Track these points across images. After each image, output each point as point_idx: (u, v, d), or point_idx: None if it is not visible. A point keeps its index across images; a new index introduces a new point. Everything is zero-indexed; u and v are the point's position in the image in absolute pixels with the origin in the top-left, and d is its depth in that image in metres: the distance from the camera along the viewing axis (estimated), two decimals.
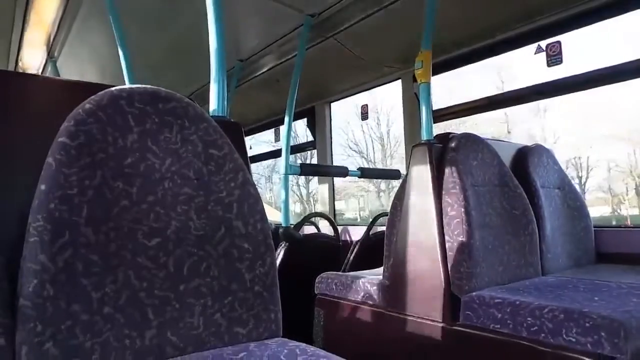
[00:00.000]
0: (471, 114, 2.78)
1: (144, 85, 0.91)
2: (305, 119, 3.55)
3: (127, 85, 0.89)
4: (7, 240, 0.74)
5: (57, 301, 0.71)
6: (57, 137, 0.78)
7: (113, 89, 0.87)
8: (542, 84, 2.14)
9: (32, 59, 2.89)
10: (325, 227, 2.90)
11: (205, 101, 1.30)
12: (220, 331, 0.90)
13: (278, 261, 2.21)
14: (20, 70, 3.03)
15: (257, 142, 4.51)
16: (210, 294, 0.89)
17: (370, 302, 1.68)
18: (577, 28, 2.07)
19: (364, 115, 3.23)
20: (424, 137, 1.65)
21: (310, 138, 3.49)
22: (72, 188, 0.75)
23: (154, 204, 0.86)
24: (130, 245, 0.81)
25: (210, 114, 1.18)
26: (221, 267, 0.91)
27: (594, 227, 1.95)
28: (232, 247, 0.93)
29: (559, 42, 2.11)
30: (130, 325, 0.79)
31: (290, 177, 2.51)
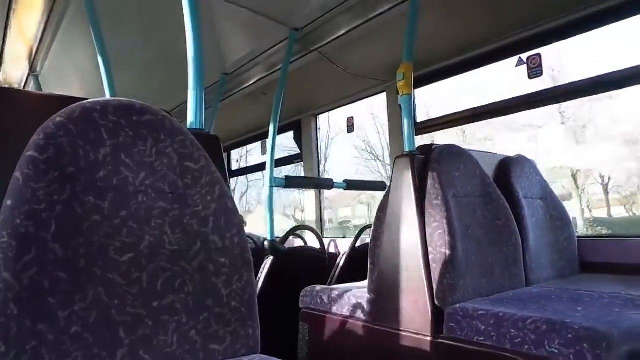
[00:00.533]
0: (456, 126, 2.80)
1: (118, 98, 0.90)
2: (292, 132, 3.56)
3: (101, 98, 0.88)
4: None
5: (21, 320, 0.69)
6: (26, 151, 0.76)
7: (86, 101, 0.86)
8: (527, 94, 2.17)
9: (14, 73, 2.86)
10: (313, 240, 2.88)
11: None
12: (195, 348, 0.87)
13: (263, 275, 2.18)
14: (1, 84, 3.00)
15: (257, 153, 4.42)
16: (184, 311, 0.87)
17: (355, 316, 1.66)
18: (557, 41, 2.11)
19: (350, 128, 3.23)
20: (406, 148, 1.65)
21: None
22: (39, 203, 0.73)
23: (127, 218, 0.84)
24: (101, 261, 0.79)
25: (188, 127, 1.17)
26: (196, 282, 0.89)
27: (578, 237, 1.96)
28: (208, 261, 0.91)
29: (539, 55, 2.14)
30: (100, 345, 0.76)
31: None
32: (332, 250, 2.86)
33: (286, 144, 3.67)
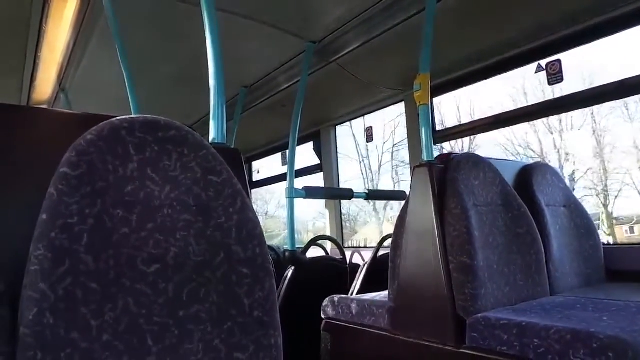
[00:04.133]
0: (477, 133, 2.79)
1: (144, 115, 0.94)
2: (311, 143, 3.60)
3: (128, 116, 0.92)
4: (9, 270, 0.76)
5: (56, 329, 0.72)
6: (59, 168, 0.80)
7: (114, 119, 0.90)
8: (549, 100, 2.15)
9: (44, 91, 2.99)
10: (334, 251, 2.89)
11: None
12: (220, 357, 0.89)
13: (284, 285, 2.20)
14: (32, 103, 3.13)
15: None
16: (209, 320, 0.89)
17: (377, 326, 1.66)
18: (576, 46, 2.10)
19: (369, 138, 3.25)
20: (425, 157, 1.66)
21: None
22: (72, 217, 0.77)
23: (154, 230, 0.87)
24: (130, 272, 0.82)
25: (210, 142, 1.21)
26: (220, 292, 0.92)
27: (604, 245, 1.92)
28: (232, 272, 0.94)
29: (559, 61, 2.13)
30: (129, 353, 0.79)
31: None
32: (353, 260, 2.86)
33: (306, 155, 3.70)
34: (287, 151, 2.51)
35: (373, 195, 2.75)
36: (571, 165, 3.40)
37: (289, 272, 2.26)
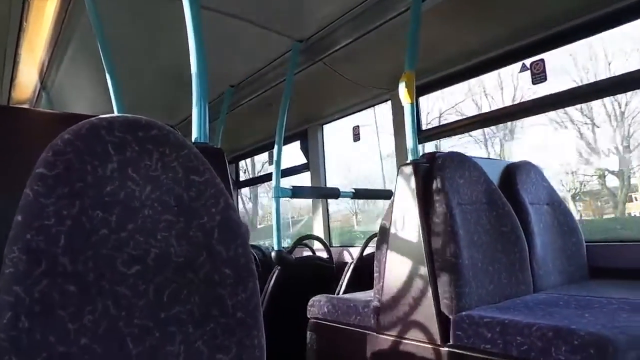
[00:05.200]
0: (463, 132, 2.81)
1: (124, 115, 0.92)
2: (298, 142, 3.59)
3: (108, 115, 0.91)
4: None
5: (32, 333, 0.71)
6: (36, 168, 0.79)
7: (93, 118, 0.88)
8: (535, 99, 2.17)
9: (25, 90, 2.93)
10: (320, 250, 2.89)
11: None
12: (201, 358, 0.88)
13: (270, 285, 2.19)
14: (13, 102, 3.07)
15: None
16: (191, 321, 0.88)
17: (363, 325, 1.66)
18: (560, 46, 2.12)
19: (356, 137, 3.25)
20: (410, 156, 1.66)
21: None
22: (49, 218, 0.76)
23: (134, 231, 0.86)
24: (109, 274, 0.81)
25: (193, 141, 1.20)
26: (202, 293, 0.91)
27: (586, 242, 1.95)
28: (214, 272, 0.93)
29: (542, 60, 2.15)
30: (108, 356, 0.78)
31: None
32: (339, 259, 2.86)
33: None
34: (274, 150, 2.50)
35: (359, 194, 2.75)
36: None
37: (275, 272, 2.25)
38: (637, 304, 1.29)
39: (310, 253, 2.93)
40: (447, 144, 3.04)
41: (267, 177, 4.18)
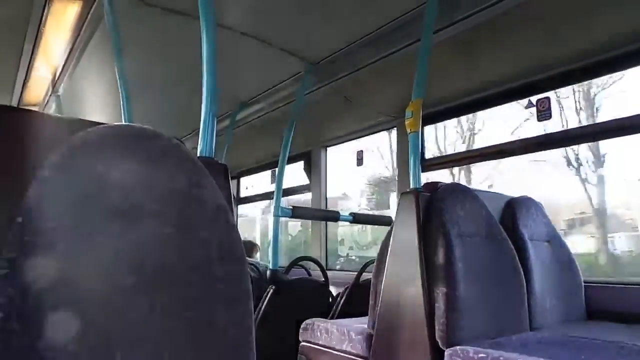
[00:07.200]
0: (464, 164, 2.82)
1: (132, 124, 0.93)
2: (302, 162, 3.60)
3: (115, 123, 0.92)
4: None
5: (21, 337, 0.70)
6: (40, 172, 0.79)
7: (101, 126, 0.89)
8: (537, 136, 2.18)
9: (37, 93, 2.97)
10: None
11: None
12: None
13: (264, 304, 2.17)
14: (23, 104, 3.10)
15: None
16: (183, 337, 0.87)
17: (354, 352, 1.63)
18: (565, 85, 2.15)
19: (359, 162, 3.27)
20: (412, 185, 1.67)
21: None
22: (49, 222, 0.76)
23: (132, 242, 0.86)
24: (104, 283, 0.80)
25: (198, 155, 1.20)
26: (196, 309, 0.90)
27: (584, 282, 1.93)
28: (209, 289, 0.92)
29: (547, 98, 2.17)
30: None
31: None
32: (335, 283, 2.83)
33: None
34: (277, 169, 2.51)
35: (359, 219, 2.74)
36: None
37: (270, 291, 2.23)
38: (633, 349, 1.27)
39: (306, 274, 2.91)
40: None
41: (268, 195, 4.18)
